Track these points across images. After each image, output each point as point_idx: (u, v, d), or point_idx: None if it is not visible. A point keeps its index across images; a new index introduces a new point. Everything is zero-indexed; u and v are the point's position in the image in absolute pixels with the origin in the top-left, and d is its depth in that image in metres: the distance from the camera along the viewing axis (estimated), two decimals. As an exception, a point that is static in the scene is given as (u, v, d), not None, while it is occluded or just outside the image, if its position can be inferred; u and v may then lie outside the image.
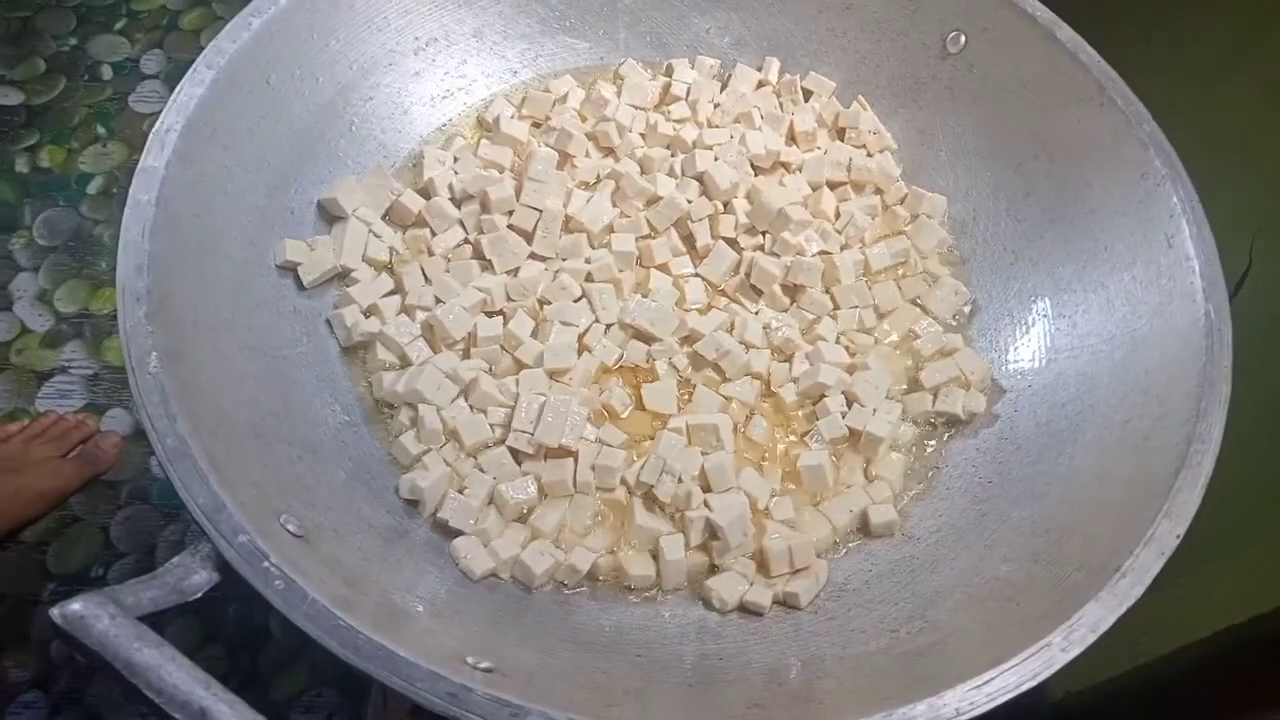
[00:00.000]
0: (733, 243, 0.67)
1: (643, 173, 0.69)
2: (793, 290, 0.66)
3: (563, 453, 0.58)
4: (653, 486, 0.57)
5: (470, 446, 0.57)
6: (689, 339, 0.63)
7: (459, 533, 0.55)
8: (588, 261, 0.65)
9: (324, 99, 0.64)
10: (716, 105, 0.73)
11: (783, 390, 0.63)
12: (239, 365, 0.53)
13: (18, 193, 1.23)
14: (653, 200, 0.68)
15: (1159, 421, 0.54)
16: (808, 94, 0.75)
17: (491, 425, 0.58)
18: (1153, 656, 0.68)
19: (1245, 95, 0.68)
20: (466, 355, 0.61)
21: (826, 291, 0.66)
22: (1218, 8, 0.71)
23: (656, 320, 0.63)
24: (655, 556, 0.56)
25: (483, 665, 0.42)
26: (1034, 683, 0.43)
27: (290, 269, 0.61)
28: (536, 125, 0.72)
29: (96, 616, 0.38)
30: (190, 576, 0.43)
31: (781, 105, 0.74)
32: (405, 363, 0.60)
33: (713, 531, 0.56)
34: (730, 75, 0.75)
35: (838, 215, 0.69)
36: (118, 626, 0.38)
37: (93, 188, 1.25)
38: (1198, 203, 0.59)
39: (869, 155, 0.72)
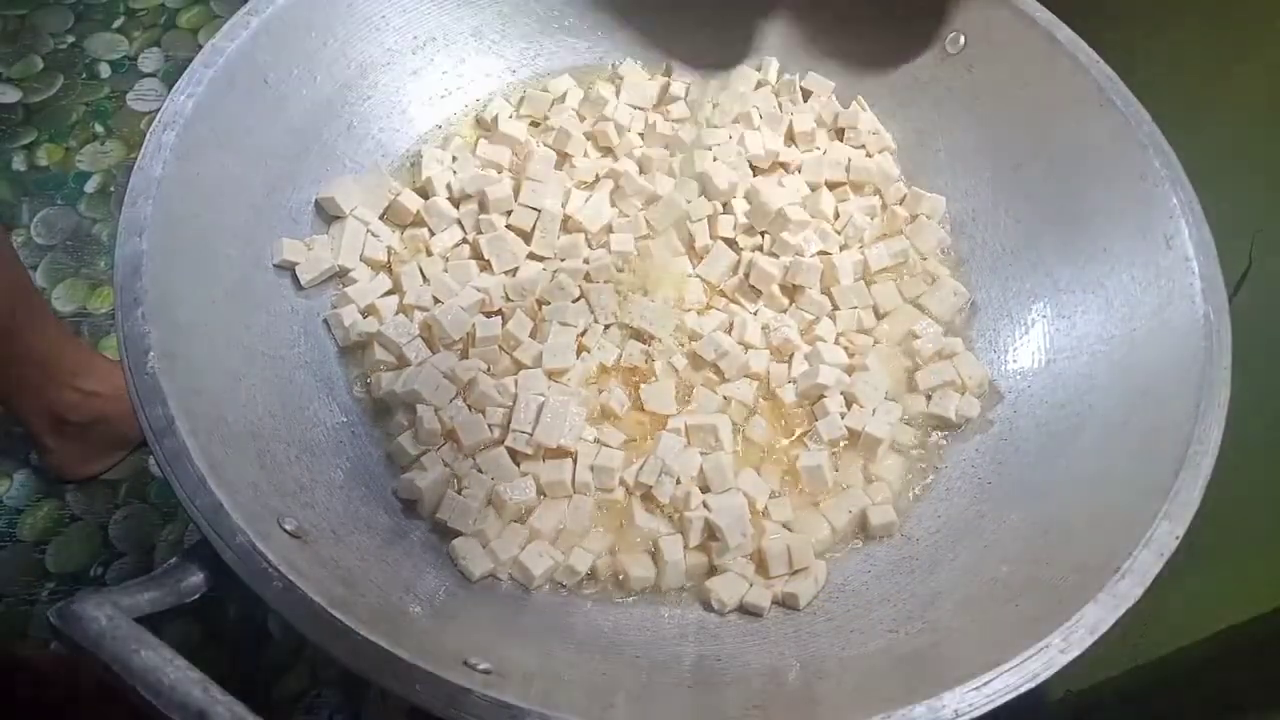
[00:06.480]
0: (731, 243, 0.67)
1: (641, 172, 0.69)
2: (791, 291, 0.66)
3: (561, 453, 0.58)
4: (651, 487, 0.57)
5: (468, 447, 0.57)
6: (688, 339, 0.63)
7: (457, 533, 0.55)
8: (586, 262, 0.65)
9: (322, 98, 0.64)
10: (715, 105, 0.73)
11: (782, 391, 0.62)
12: (236, 365, 0.53)
13: (15, 191, 1.23)
14: (651, 200, 0.68)
15: (1158, 422, 0.54)
16: (807, 94, 0.75)
17: (490, 425, 0.58)
18: (1152, 657, 0.68)
19: (1245, 96, 0.68)
20: (465, 355, 0.61)
21: (825, 292, 0.66)
22: (1218, 8, 0.71)
23: (655, 320, 0.63)
24: (654, 557, 0.56)
25: (481, 666, 0.42)
26: (1033, 684, 0.43)
27: (288, 268, 0.61)
28: (535, 125, 0.72)
29: (94, 618, 0.38)
30: (189, 577, 0.43)
31: (781, 105, 0.74)
32: (403, 363, 0.60)
33: (712, 532, 0.56)
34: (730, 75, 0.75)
35: (837, 216, 0.69)
36: (115, 628, 0.38)
37: (90, 186, 1.24)
38: (1197, 204, 0.59)
39: (868, 155, 0.72)
